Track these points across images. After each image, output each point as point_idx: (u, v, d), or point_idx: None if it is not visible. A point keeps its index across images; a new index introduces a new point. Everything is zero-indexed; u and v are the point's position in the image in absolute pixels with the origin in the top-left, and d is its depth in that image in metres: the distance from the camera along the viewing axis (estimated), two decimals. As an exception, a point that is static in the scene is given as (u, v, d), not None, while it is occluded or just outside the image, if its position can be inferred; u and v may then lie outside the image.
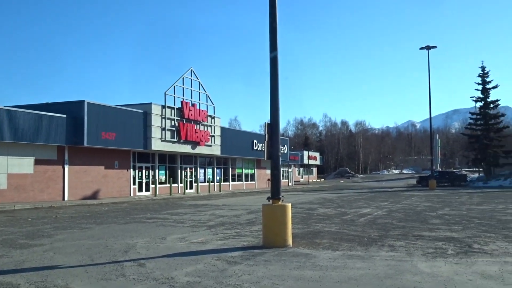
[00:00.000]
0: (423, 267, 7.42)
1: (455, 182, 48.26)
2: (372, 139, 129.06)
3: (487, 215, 15.95)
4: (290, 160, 60.63)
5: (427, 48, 43.61)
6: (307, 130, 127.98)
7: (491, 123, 51.08)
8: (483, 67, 51.47)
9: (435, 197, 28.00)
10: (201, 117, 36.79)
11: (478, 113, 52.40)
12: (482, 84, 51.32)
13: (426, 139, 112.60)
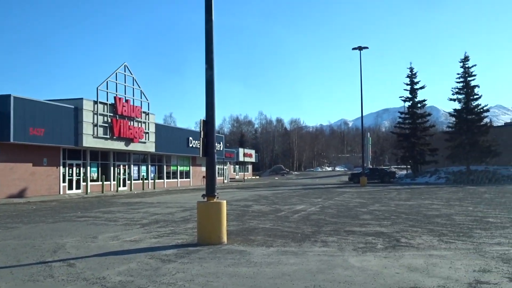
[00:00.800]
0: (353, 262, 7.63)
1: (385, 178, 49.91)
2: (306, 137, 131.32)
3: (414, 211, 16.62)
4: (226, 157, 60.67)
5: (359, 48, 44.84)
6: (242, 127, 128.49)
7: (418, 122, 53.26)
8: (411, 68, 53.63)
9: (366, 193, 28.89)
10: (135, 113, 36.08)
11: (406, 112, 54.48)
12: (410, 85, 53.40)
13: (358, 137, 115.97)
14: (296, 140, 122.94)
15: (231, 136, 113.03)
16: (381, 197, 25.07)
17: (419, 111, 53.92)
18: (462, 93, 48.32)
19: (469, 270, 6.87)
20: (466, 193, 26.59)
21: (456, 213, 15.53)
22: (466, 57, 48.16)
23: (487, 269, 6.91)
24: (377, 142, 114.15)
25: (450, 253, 8.23)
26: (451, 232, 10.83)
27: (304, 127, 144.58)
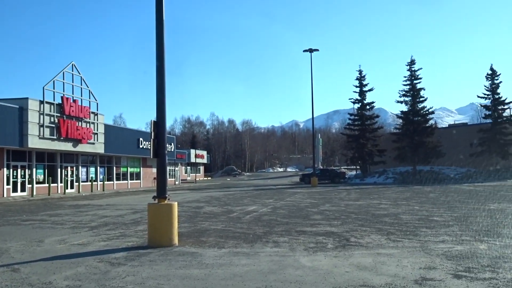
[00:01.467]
0: (304, 261, 7.71)
1: (335, 179, 50.69)
2: (258, 138, 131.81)
3: (363, 210, 16.97)
4: (177, 158, 60.10)
5: (310, 51, 45.44)
6: (194, 128, 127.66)
7: (367, 124, 54.44)
8: (360, 71, 54.76)
9: (317, 194, 29.27)
10: (83, 114, 35.21)
11: (356, 114, 55.60)
12: (360, 87, 54.52)
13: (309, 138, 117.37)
14: (248, 141, 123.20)
15: (182, 137, 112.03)
16: (332, 197, 25.46)
17: (368, 113, 55.12)
18: (409, 95, 49.73)
19: (415, 268, 7.07)
20: (412, 193, 27.36)
21: (403, 212, 15.96)
22: (412, 60, 49.62)
23: (432, 266, 7.13)
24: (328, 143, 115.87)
25: (397, 251, 8.44)
26: (398, 231, 11.11)
27: (256, 128, 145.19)
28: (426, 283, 6.16)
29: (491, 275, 6.50)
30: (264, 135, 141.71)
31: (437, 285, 6.06)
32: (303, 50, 45.84)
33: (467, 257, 7.82)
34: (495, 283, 6.08)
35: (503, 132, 46.43)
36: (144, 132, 49.14)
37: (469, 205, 18.04)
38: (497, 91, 48.06)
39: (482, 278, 6.35)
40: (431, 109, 50.16)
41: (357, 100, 54.82)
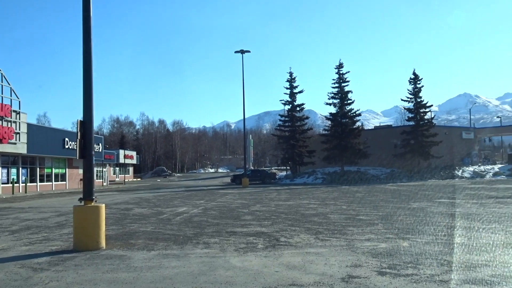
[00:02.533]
0: (235, 262, 7.73)
1: (266, 180, 51.16)
2: (189, 138, 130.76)
3: (293, 210, 17.23)
4: (105, 159, 58.50)
5: (242, 52, 45.60)
6: (123, 128, 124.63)
7: (297, 125, 55.36)
8: (291, 73, 55.57)
9: (248, 194, 29.42)
10: (4, 112, 33.48)
11: (286, 115, 56.41)
12: (290, 89, 55.32)
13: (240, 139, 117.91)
14: (179, 142, 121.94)
15: (111, 137, 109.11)
16: (262, 197, 25.67)
17: (298, 114, 56.04)
18: (337, 98, 51.04)
19: (342, 266, 7.26)
20: (340, 193, 28.10)
21: (331, 212, 16.35)
22: (340, 64, 50.96)
23: (358, 264, 7.35)
24: (259, 143, 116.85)
25: (326, 250, 8.64)
26: (327, 230, 11.37)
27: (187, 128, 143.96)
28: (352, 281, 6.34)
29: (413, 271, 6.78)
30: (195, 135, 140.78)
31: (362, 282, 6.24)
32: (234, 51, 45.96)
33: (391, 254, 8.12)
34: (416, 279, 6.35)
35: (424, 134, 48.63)
36: (70, 132, 47.41)
37: (393, 204, 18.75)
38: (419, 95, 50.29)
39: (405, 274, 6.61)
40: (358, 111, 51.70)
41: (287, 101, 55.60)
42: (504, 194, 22.40)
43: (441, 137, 49.10)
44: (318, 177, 50.20)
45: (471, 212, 14.80)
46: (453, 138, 53.84)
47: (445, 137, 51.07)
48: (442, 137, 49.42)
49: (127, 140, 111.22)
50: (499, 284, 6.03)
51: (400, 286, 6.05)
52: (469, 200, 19.53)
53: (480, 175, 44.24)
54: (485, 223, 12.01)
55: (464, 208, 16.11)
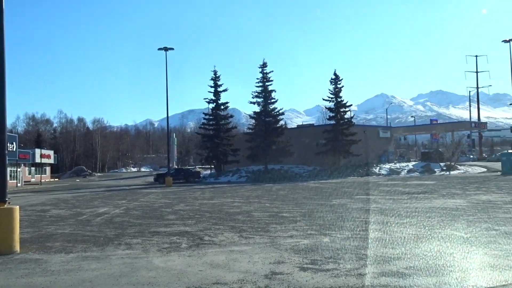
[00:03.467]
0: (158, 262, 7.61)
1: (190, 178, 50.73)
2: (110, 137, 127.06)
3: (217, 209, 17.23)
4: (20, 158, 55.66)
5: (165, 49, 44.94)
6: (39, 126, 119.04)
7: (221, 124, 55.32)
8: (215, 72, 55.35)
9: (172, 193, 29.08)
10: None
11: (210, 114, 56.21)
12: (214, 87, 55.15)
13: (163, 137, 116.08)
14: (100, 140, 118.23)
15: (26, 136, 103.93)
16: (186, 196, 25.47)
17: (222, 113, 56.03)
18: (261, 96, 51.49)
19: (265, 263, 7.35)
20: (264, 191, 28.42)
21: (255, 209, 16.51)
22: (264, 63, 51.47)
23: (281, 261, 7.47)
24: (183, 142, 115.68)
25: (249, 248, 8.71)
26: (251, 228, 11.47)
27: (108, 126, 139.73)
28: (275, 277, 6.43)
29: (333, 266, 6.99)
30: (116, 134, 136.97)
31: (285, 279, 6.35)
32: (158, 49, 45.21)
33: (313, 250, 8.32)
34: (336, 273, 6.55)
35: (344, 132, 50.16)
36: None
37: (315, 201, 19.24)
38: (339, 95, 51.78)
39: (326, 269, 6.80)
40: (281, 110, 52.44)
41: (212, 100, 55.41)
42: (416, 190, 23.60)
43: (360, 136, 50.86)
44: (242, 176, 50.46)
45: (387, 207, 15.47)
46: (371, 137, 55.91)
47: (364, 135, 52.94)
48: (361, 135, 51.20)
49: (43, 138, 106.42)
50: (412, 276, 6.34)
51: (321, 281, 6.22)
52: (385, 196, 20.40)
53: (396, 172, 46.31)
54: (399, 218, 12.60)
55: (380, 204, 16.81)
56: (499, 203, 15.67)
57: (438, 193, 20.95)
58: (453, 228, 10.44)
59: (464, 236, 9.40)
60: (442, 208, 14.48)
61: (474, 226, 10.69)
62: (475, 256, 7.58)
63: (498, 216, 12.25)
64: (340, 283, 6.09)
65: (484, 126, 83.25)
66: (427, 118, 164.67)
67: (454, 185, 25.59)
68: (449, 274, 6.44)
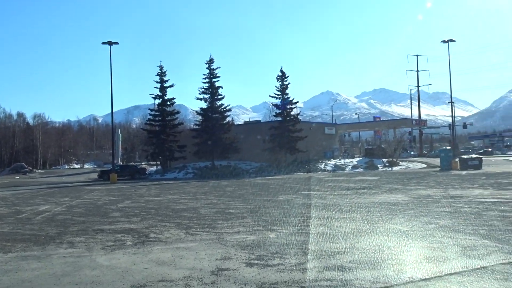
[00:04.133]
0: (102, 261, 7.48)
1: (135, 175, 49.99)
2: (52, 132, 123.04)
3: (163, 206, 17.06)
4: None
5: (109, 43, 43.95)
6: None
7: (168, 120, 54.69)
8: (161, 67, 54.57)
9: (116, 190, 28.54)
10: None
11: (156, 109, 55.47)
12: (160, 83, 54.39)
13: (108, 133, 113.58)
14: (41, 136, 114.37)
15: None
16: (131, 193, 25.07)
17: (169, 109, 55.40)
18: (208, 93, 51.28)
19: (212, 259, 7.36)
20: (211, 187, 28.35)
21: (201, 206, 16.46)
22: (211, 59, 51.24)
23: (228, 257, 7.50)
24: (128, 138, 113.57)
25: (196, 245, 8.69)
26: (197, 225, 11.43)
27: (49, 122, 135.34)
28: (222, 273, 6.46)
29: (279, 261, 7.08)
30: (59, 129, 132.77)
31: (231, 275, 6.39)
32: (101, 43, 44.16)
33: (259, 246, 8.40)
34: (282, 268, 6.65)
35: (290, 129, 50.67)
36: None
37: (262, 197, 19.37)
38: (286, 92, 52.19)
39: (272, 265, 6.88)
40: (228, 106, 52.45)
41: (158, 96, 54.65)
42: (360, 185, 24.18)
43: (306, 132, 51.54)
44: (189, 172, 50.13)
45: (331, 203, 15.80)
46: (317, 134, 56.80)
47: (310, 132, 53.70)
48: (307, 132, 51.88)
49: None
50: (355, 269, 6.52)
51: (267, 276, 6.28)
52: (330, 192, 20.81)
53: (341, 168, 47.27)
54: (343, 213, 12.90)
55: (325, 199, 17.14)
56: (437, 198, 16.29)
57: (380, 188, 21.55)
58: (393, 222, 10.79)
59: (404, 230, 9.73)
60: (384, 203, 14.91)
61: (413, 220, 11.08)
62: (413, 249, 7.88)
63: (436, 210, 12.75)
64: (286, 278, 6.18)
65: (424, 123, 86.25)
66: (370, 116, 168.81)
67: (396, 181, 26.39)
68: (389, 267, 6.66)
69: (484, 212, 11.99)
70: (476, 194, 17.10)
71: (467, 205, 13.66)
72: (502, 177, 25.55)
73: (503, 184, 20.76)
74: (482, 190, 18.62)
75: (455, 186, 21.32)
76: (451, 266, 6.59)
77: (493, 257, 6.99)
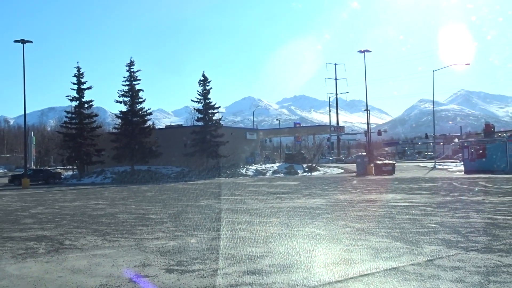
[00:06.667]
0: (12, 270, 7.09)
1: (50, 180, 47.95)
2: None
3: (80, 211, 16.46)
4: None
5: (22, 41, 41.90)
6: None
7: (85, 123, 52.94)
8: (78, 68, 52.72)
9: (29, 196, 27.19)
10: None
11: (73, 112, 53.52)
12: (78, 84, 52.57)
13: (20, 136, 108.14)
14: None
15: None
16: (45, 199, 23.99)
17: (86, 111, 53.64)
18: (128, 96, 50.22)
19: (130, 266, 7.19)
20: (130, 192, 27.72)
21: (120, 211, 16.05)
22: (131, 61, 50.22)
23: (147, 263, 7.36)
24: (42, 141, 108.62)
25: (114, 251, 8.45)
26: (115, 231, 11.13)
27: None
28: (140, 280, 6.32)
29: (199, 267, 7.04)
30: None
31: (150, 281, 6.27)
32: (14, 41, 42.00)
33: (179, 251, 8.31)
34: (202, 274, 6.61)
35: (212, 134, 50.70)
36: None
37: (182, 202, 19.20)
38: (208, 96, 52.21)
39: (192, 270, 6.83)
40: (149, 110, 51.61)
41: (74, 97, 52.77)
42: (281, 190, 24.60)
43: (228, 137, 51.75)
44: (107, 177, 48.78)
45: (252, 207, 15.94)
46: (238, 139, 57.20)
47: (232, 137, 53.98)
48: (228, 137, 52.11)
49: None
50: (276, 273, 6.61)
51: (187, 282, 6.23)
52: (251, 197, 21.00)
53: (262, 173, 47.85)
54: (264, 217, 13.06)
55: (246, 204, 17.27)
56: (353, 202, 16.90)
57: (300, 193, 22.03)
58: (312, 226, 11.05)
59: (322, 233, 10.00)
60: (304, 207, 15.25)
61: (331, 224, 11.42)
62: (330, 252, 8.12)
63: (352, 214, 13.21)
64: (206, 283, 6.15)
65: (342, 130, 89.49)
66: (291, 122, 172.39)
67: (315, 186, 27.08)
68: (306, 269, 6.83)
69: (397, 215, 12.57)
70: (389, 198, 17.91)
71: (381, 209, 14.28)
72: (413, 182, 26.96)
73: (413, 189, 21.90)
74: (394, 194, 19.54)
75: (370, 190, 22.23)
76: (365, 267, 6.85)
77: (404, 258, 7.34)
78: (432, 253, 7.67)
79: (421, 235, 9.34)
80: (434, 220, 11.46)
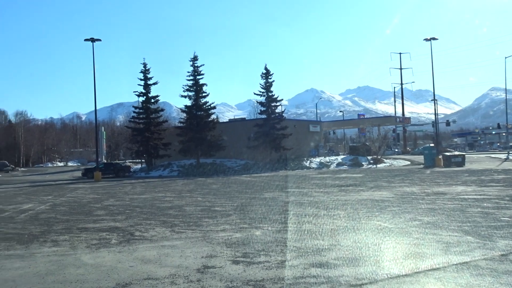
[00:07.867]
0: (86, 259, 7.41)
1: (119, 173, 49.64)
2: (34, 130, 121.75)
3: (148, 204, 16.97)
4: None
5: (92, 40, 43.57)
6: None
7: (152, 117, 54.40)
8: (145, 64, 54.20)
9: (101, 188, 28.32)
10: None
11: (140, 107, 55.12)
12: (144, 80, 54.07)
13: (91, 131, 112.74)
14: (23, 134, 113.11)
15: None
16: (116, 191, 24.90)
17: (153, 106, 55.09)
18: (192, 90, 51.10)
19: (197, 257, 7.33)
20: (196, 185, 28.24)
21: (187, 204, 16.40)
22: (195, 56, 51.02)
23: (214, 255, 7.48)
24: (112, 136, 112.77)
25: (181, 243, 8.65)
26: (182, 223, 11.39)
27: (32, 120, 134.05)
28: (208, 271, 6.44)
29: (265, 259, 7.08)
30: (41, 127, 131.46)
31: (217, 272, 6.37)
32: (84, 39, 43.74)
33: (245, 243, 8.39)
34: (268, 266, 6.64)
35: (275, 127, 50.72)
36: None
37: (247, 195, 19.35)
38: (270, 89, 52.24)
39: (257, 262, 6.88)
40: (213, 104, 52.28)
41: (141, 93, 54.33)
42: (346, 182, 24.30)
43: (291, 130, 51.63)
44: (174, 170, 49.94)
45: (317, 200, 15.84)
46: (302, 131, 56.94)
47: (295, 130, 53.80)
48: (291, 130, 51.98)
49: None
50: (342, 266, 6.55)
51: (253, 273, 6.28)
52: (316, 189, 20.86)
53: (326, 165, 47.44)
54: (329, 210, 12.95)
55: (311, 197, 17.18)
56: (421, 195, 16.43)
57: (366, 185, 21.67)
58: (379, 219, 10.85)
59: (389, 227, 9.79)
60: (370, 200, 15.00)
61: (398, 217, 11.16)
62: (398, 245, 7.93)
63: (420, 207, 12.85)
64: (272, 275, 6.18)
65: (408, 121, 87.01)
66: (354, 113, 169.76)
67: (381, 178, 26.56)
68: (375, 263, 6.70)
69: (468, 208, 12.12)
70: (459, 191, 17.27)
71: (451, 202, 13.80)
72: (484, 174, 25.86)
73: (485, 181, 21.01)
74: (465, 187, 18.82)
75: (439, 183, 21.52)
76: (435, 261, 6.64)
77: (477, 253, 7.06)
78: (506, 247, 7.34)
79: (494, 229, 8.95)
80: (508, 214, 10.96)
